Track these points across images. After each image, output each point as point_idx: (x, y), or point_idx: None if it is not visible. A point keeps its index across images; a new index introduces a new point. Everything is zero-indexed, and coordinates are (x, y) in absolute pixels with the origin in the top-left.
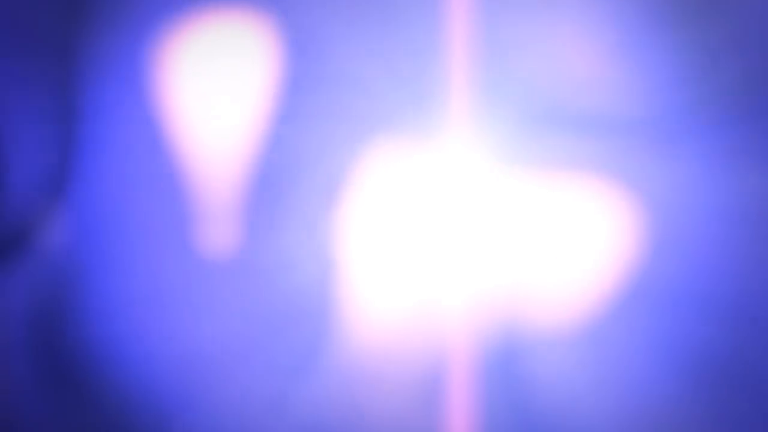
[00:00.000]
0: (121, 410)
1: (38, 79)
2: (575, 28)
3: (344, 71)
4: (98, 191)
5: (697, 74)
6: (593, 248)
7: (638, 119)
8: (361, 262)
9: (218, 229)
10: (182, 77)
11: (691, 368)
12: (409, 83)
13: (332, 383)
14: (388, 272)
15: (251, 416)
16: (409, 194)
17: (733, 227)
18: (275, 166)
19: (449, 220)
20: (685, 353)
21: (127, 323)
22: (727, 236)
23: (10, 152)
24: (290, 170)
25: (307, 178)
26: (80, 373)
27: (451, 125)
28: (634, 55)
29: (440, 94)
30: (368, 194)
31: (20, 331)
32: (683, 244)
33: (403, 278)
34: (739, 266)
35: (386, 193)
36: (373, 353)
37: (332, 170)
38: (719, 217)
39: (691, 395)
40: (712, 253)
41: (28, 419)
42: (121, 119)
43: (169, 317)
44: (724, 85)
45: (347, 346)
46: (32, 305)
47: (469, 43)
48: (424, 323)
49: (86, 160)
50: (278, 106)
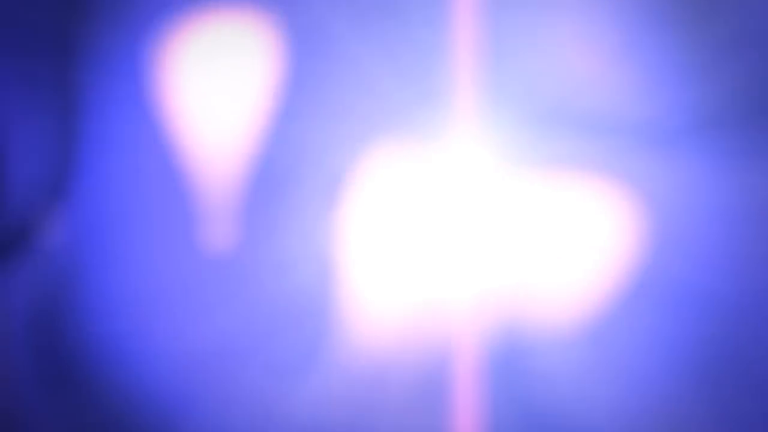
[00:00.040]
0: (122, 409)
1: (39, 77)
2: (580, 28)
3: (349, 70)
4: (99, 190)
5: (699, 74)
6: (597, 247)
7: (642, 119)
8: (364, 260)
9: (220, 227)
10: (185, 75)
11: (694, 367)
12: (414, 82)
13: (336, 382)
14: (391, 271)
15: (253, 415)
16: (413, 193)
17: (735, 227)
18: (279, 164)
19: (453, 219)
20: (688, 352)
21: (128, 322)
22: (729, 236)
23: (10, 151)
24: (294, 168)
25: (311, 176)
26: (81, 372)
27: (456, 125)
28: (637, 55)
29: (446, 93)
30: (372, 193)
31: (21, 330)
32: (686, 243)
33: (406, 277)
34: (741, 265)
35: (390, 191)
36: (376, 352)
37: (336, 169)
38: (722, 216)
39: (693, 393)
40: (714, 252)
41: (30, 419)
42: (122, 117)
43: (170, 316)
44: (726, 84)
45: (350, 345)
46: (33, 304)
47: (474, 42)
48: (428, 322)
49: (87, 158)
50: (282, 104)
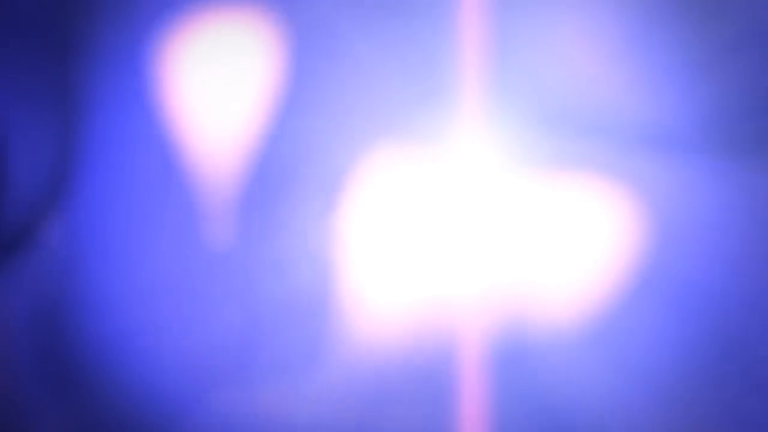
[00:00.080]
0: (125, 407)
1: (40, 75)
2: (586, 27)
3: (353, 68)
4: (101, 188)
5: (705, 73)
6: (601, 245)
7: (647, 118)
8: (369, 258)
9: (223, 224)
10: (187, 73)
11: (698, 364)
12: (419, 81)
13: (340, 379)
14: (396, 268)
15: (258, 413)
16: (417, 191)
17: (740, 226)
18: (284, 162)
19: (457, 216)
20: (692, 350)
21: (129, 320)
22: (734, 235)
23: (11, 149)
24: (299, 166)
25: (316, 173)
26: (84, 370)
27: (461, 123)
28: (643, 54)
29: (450, 92)
30: (377, 190)
31: (24, 329)
32: (691, 241)
33: (411, 274)
34: (745, 264)
35: (395, 189)
36: (381, 349)
37: (341, 166)
38: (726, 215)
39: (698, 391)
40: (718, 250)
41: (33, 418)
42: (124, 116)
43: (172, 314)
44: (732, 83)
45: (355, 342)
46: (35, 303)
47: (480, 41)
48: (432, 319)
49: (89, 156)
50: (286, 102)
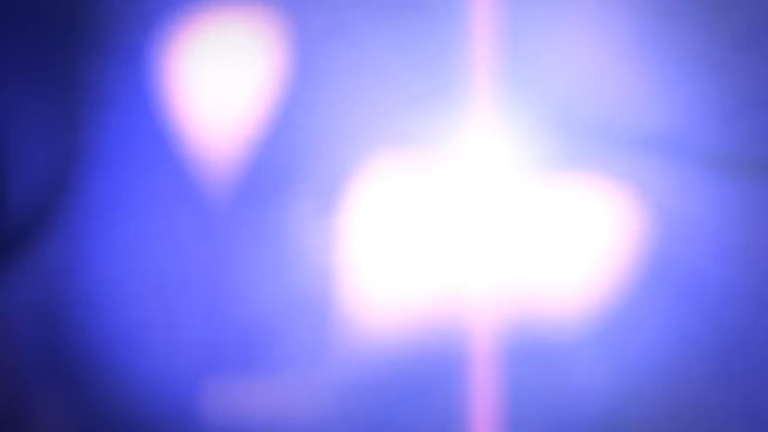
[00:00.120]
0: (127, 406)
1: (44, 74)
2: (597, 22)
3: (365, 62)
4: (106, 185)
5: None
6: (611, 242)
7: (656, 118)
8: (379, 254)
9: (229, 220)
10: (195, 69)
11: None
12: (429, 77)
13: (351, 376)
14: (407, 264)
15: (265, 409)
16: (427, 188)
17: (746, 226)
18: (294, 157)
19: (468, 213)
20: (703, 341)
21: (133, 319)
22: (740, 234)
23: (16, 147)
24: (310, 161)
25: (327, 168)
26: (87, 369)
27: (471, 120)
28: (653, 54)
29: (461, 88)
30: (387, 186)
31: (28, 327)
32: (699, 240)
33: (422, 270)
34: (752, 263)
35: (405, 185)
36: (391, 343)
37: (351, 161)
38: (732, 216)
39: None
40: (725, 250)
41: (35, 416)
42: (130, 113)
43: (174, 312)
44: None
45: (365, 339)
46: (40, 301)
47: (491, 38)
48: (443, 315)
49: (93, 154)
50: (296, 97)
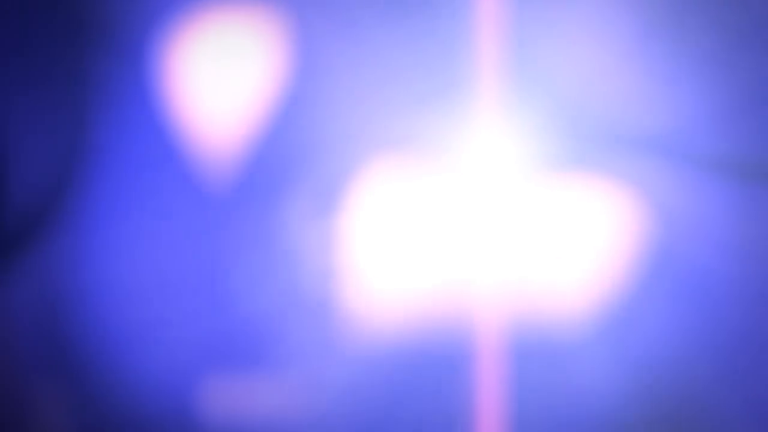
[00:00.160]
0: (129, 405)
1: (45, 75)
2: (603, 21)
3: (369, 61)
4: (108, 184)
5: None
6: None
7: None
8: (385, 252)
9: (231, 219)
10: (198, 68)
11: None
12: (435, 76)
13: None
14: (413, 262)
15: (273, 405)
16: (432, 186)
17: (746, 226)
18: (300, 155)
19: (474, 212)
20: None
21: (134, 318)
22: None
23: (18, 144)
24: (316, 158)
25: (333, 166)
26: (89, 368)
27: (476, 119)
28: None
29: (467, 88)
30: (393, 184)
31: (30, 326)
32: (702, 239)
33: (428, 268)
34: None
35: (410, 184)
36: (396, 343)
37: (353, 159)
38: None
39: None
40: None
41: (37, 415)
42: (133, 111)
43: (176, 311)
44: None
45: (370, 336)
46: (41, 299)
47: (497, 36)
48: (449, 312)
49: (95, 152)
50: (302, 94)
